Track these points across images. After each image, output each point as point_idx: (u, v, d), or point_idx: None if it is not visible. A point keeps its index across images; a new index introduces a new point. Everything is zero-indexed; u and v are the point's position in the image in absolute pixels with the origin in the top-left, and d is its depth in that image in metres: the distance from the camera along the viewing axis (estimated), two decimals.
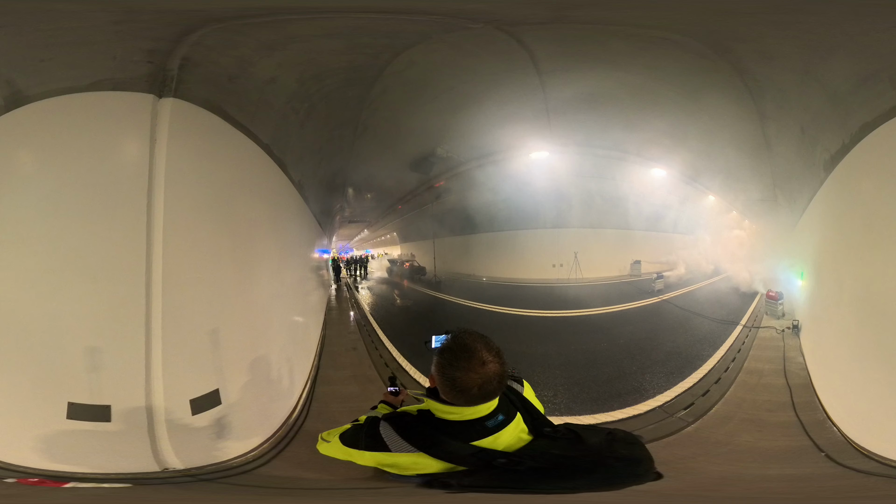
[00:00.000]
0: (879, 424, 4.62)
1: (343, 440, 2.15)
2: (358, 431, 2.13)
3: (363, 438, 2.07)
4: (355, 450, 2.09)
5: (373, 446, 2.03)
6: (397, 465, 1.99)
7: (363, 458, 2.06)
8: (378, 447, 2.01)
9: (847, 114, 5.16)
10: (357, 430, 2.15)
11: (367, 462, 2.06)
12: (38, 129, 3.85)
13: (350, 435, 2.15)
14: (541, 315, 9.73)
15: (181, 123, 4.22)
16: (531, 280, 11.05)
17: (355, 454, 2.09)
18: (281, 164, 6.18)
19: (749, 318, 8.83)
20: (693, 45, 5.48)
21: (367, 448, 2.04)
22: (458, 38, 5.35)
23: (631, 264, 11.06)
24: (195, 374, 4.38)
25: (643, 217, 10.42)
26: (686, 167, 9.18)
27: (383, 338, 9.08)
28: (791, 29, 4.46)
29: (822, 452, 4.96)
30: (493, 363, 1.86)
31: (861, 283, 5.15)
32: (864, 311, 5.07)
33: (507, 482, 1.85)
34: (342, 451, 2.14)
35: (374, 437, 2.02)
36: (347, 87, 6.25)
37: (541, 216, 10.72)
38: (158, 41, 3.82)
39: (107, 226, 3.97)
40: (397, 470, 2.00)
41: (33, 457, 3.72)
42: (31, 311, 3.84)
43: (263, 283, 5.75)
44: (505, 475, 1.84)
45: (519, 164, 9.53)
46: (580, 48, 5.95)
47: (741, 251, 10.01)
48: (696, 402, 6.25)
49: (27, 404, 3.82)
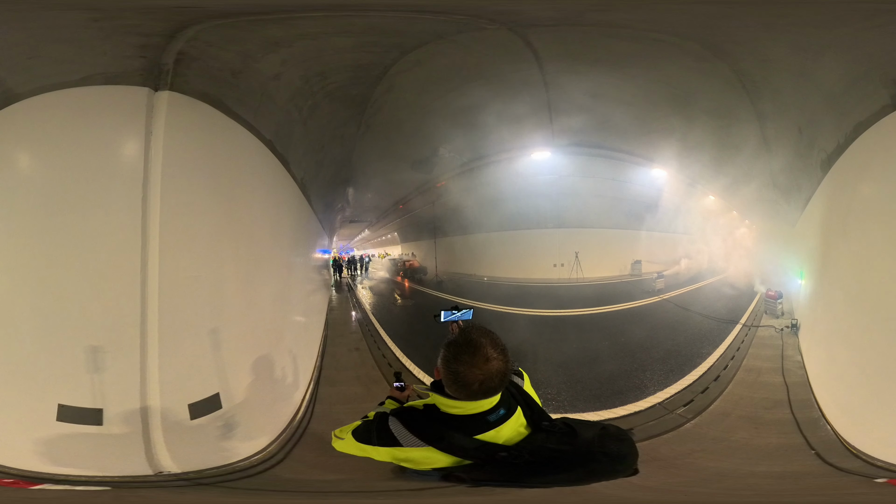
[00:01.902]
0: (870, 423, 4.68)
1: (356, 436, 2.18)
2: (369, 427, 2.15)
3: (375, 434, 2.10)
4: (370, 446, 2.11)
5: (385, 441, 2.05)
6: (411, 459, 2.01)
7: (379, 453, 2.09)
8: (390, 442, 2.03)
9: (841, 113, 5.22)
10: (368, 425, 2.17)
11: (384, 457, 2.08)
12: (29, 126, 3.78)
13: (362, 431, 2.18)
14: (542, 314, 9.76)
15: (179, 117, 4.10)
16: (533, 280, 11.06)
17: (370, 450, 2.12)
18: (283, 161, 6.11)
19: (748, 317, 8.87)
20: (693, 48, 5.53)
21: (381, 443, 2.07)
22: (465, 39, 5.36)
23: (632, 264, 11.07)
24: (194, 376, 4.27)
25: (644, 217, 10.46)
26: (686, 168, 9.22)
27: (385, 337, 9.09)
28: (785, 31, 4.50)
29: (813, 451, 5.01)
30: (497, 360, 1.88)
31: (859, 282, 5.18)
32: (862, 310, 5.10)
33: (508, 476, 1.89)
34: (357, 447, 2.17)
35: (385, 432, 2.05)
36: (352, 85, 6.24)
37: (542, 216, 10.74)
38: (148, 37, 3.75)
39: (101, 223, 3.87)
40: (412, 464, 2.02)
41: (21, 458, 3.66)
42: (22, 310, 3.77)
43: (264, 282, 5.67)
44: (506, 468, 1.88)
45: (521, 164, 9.58)
46: (583, 49, 6.00)
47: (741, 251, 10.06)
48: (696, 399, 6.30)
49: (17, 405, 3.75)
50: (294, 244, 7.46)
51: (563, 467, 1.90)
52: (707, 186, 9.78)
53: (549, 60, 6.25)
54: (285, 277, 6.84)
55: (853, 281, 5.36)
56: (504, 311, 9.89)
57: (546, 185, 9.90)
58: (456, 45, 5.57)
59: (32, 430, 3.71)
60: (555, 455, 1.91)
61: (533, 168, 9.63)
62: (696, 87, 6.72)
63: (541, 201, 10.36)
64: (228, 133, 4.76)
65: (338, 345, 8.75)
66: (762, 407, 6.00)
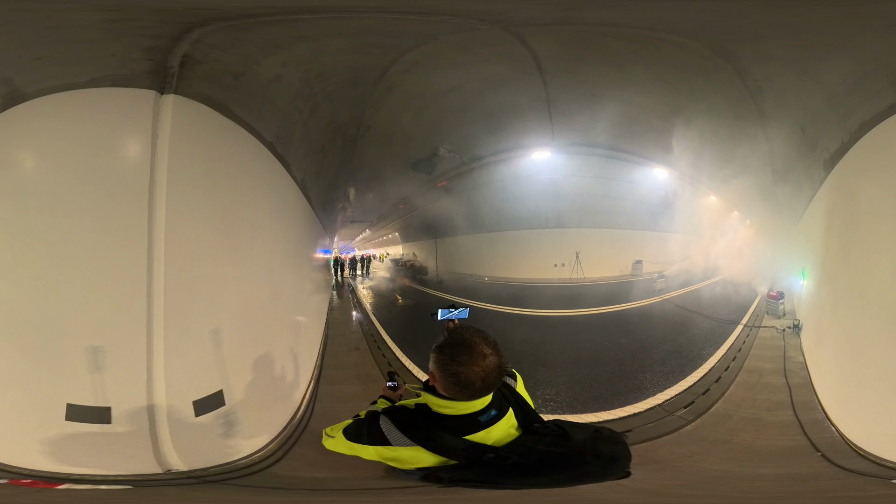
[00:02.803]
0: (876, 424, 4.64)
1: (346, 435, 2.18)
2: (359, 426, 2.15)
3: (365, 433, 2.10)
4: (359, 444, 2.11)
5: (375, 440, 2.05)
6: (398, 458, 2.01)
7: (367, 451, 2.09)
8: (380, 441, 2.03)
9: (846, 113, 5.18)
10: (359, 424, 2.17)
11: (372, 456, 2.08)
12: (37, 127, 3.83)
13: (353, 430, 2.18)
14: (543, 314, 9.74)
15: (183, 120, 4.18)
16: (533, 280, 11.05)
17: (359, 448, 2.12)
18: (284, 163, 6.17)
19: (750, 318, 8.84)
20: (694, 46, 5.50)
21: (370, 442, 2.06)
22: (462, 39, 5.37)
23: (632, 264, 11.04)
24: (198, 375, 4.35)
25: (644, 217, 10.43)
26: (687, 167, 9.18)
27: (385, 337, 9.09)
28: (789, 29, 4.47)
29: (819, 452, 4.98)
30: (493, 356, 1.89)
31: (862, 281, 5.16)
32: (864, 310, 5.07)
33: (494, 477, 1.88)
34: (347, 445, 2.17)
35: (376, 431, 2.05)
36: (351, 86, 6.27)
37: (543, 216, 10.73)
38: (158, 38, 3.80)
39: (107, 224, 3.93)
40: (399, 464, 2.02)
41: (31, 458, 3.71)
42: (29, 310, 3.83)
43: (266, 282, 5.73)
44: (493, 470, 1.87)
45: (521, 163, 9.56)
46: (582, 48, 5.98)
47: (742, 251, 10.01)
48: (697, 401, 6.28)
49: (26, 405, 3.81)
50: (295, 244, 7.51)
51: (553, 469, 1.89)
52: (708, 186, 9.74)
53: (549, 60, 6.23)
54: (287, 277, 6.89)
55: (856, 281, 5.34)
56: (505, 311, 9.89)
57: (546, 185, 9.89)
58: (453, 45, 5.57)
59: (42, 431, 3.77)
60: (545, 457, 1.90)
61: (533, 168, 9.61)
62: (697, 86, 6.69)
63: (541, 201, 10.35)
64: (230, 135, 4.84)
65: (338, 344, 8.75)
66: (764, 408, 5.97)
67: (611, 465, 1.93)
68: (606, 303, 9.65)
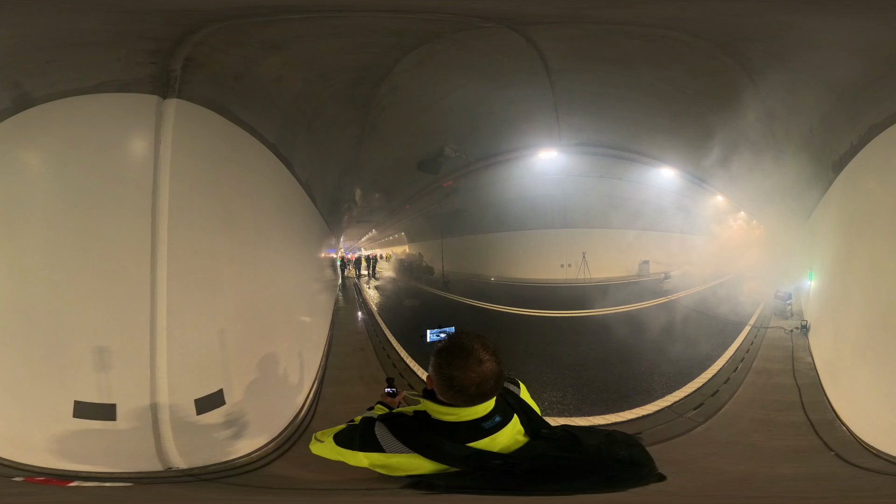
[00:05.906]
0: (888, 423, 4.62)
1: (337, 440, 2.13)
2: (353, 432, 2.11)
3: (357, 439, 2.05)
4: (348, 450, 2.06)
5: (367, 446, 2.01)
6: (389, 465, 1.98)
7: (356, 458, 2.04)
8: (372, 447, 1.99)
9: (855, 115, 5.15)
10: (352, 430, 2.13)
11: (360, 462, 2.03)
12: (44, 131, 3.89)
13: (344, 435, 2.13)
14: (549, 315, 9.72)
15: (186, 124, 4.25)
16: (539, 280, 11.03)
17: (348, 454, 2.07)
18: (288, 164, 6.19)
19: (758, 319, 8.77)
20: (702, 46, 5.46)
21: (361, 448, 2.02)
22: (466, 38, 5.36)
23: (639, 264, 11.00)
24: (200, 374, 4.40)
25: (651, 217, 10.39)
26: (695, 167, 9.14)
27: (391, 338, 9.08)
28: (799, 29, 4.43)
29: (832, 452, 4.95)
30: (490, 362, 1.85)
31: (869, 283, 5.15)
32: (872, 311, 5.07)
33: (503, 484, 1.84)
34: (335, 451, 2.12)
35: (369, 437, 2.01)
36: (355, 86, 6.27)
37: (549, 216, 10.71)
38: (161, 41, 3.84)
39: (112, 226, 4.01)
40: (388, 471, 1.99)
41: (41, 455, 3.77)
42: (37, 311, 3.88)
43: (270, 283, 5.76)
44: (500, 476, 1.84)
45: (527, 163, 9.55)
46: (589, 47, 5.95)
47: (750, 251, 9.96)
48: (706, 403, 6.24)
49: (34, 403, 3.87)
50: (299, 245, 7.54)
51: (568, 475, 1.85)
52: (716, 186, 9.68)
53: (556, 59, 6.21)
54: (291, 278, 6.92)
55: (863, 282, 5.33)
56: (510, 311, 9.86)
57: (553, 185, 9.87)
58: (457, 43, 5.56)
59: (51, 427, 3.85)
60: (557, 463, 1.87)
61: (539, 168, 9.59)
62: (705, 86, 6.65)
63: (548, 201, 10.34)
64: (233, 138, 4.90)
65: (343, 344, 8.74)
66: (774, 409, 5.93)
67: (635, 468, 1.90)
68: (613, 303, 9.60)
